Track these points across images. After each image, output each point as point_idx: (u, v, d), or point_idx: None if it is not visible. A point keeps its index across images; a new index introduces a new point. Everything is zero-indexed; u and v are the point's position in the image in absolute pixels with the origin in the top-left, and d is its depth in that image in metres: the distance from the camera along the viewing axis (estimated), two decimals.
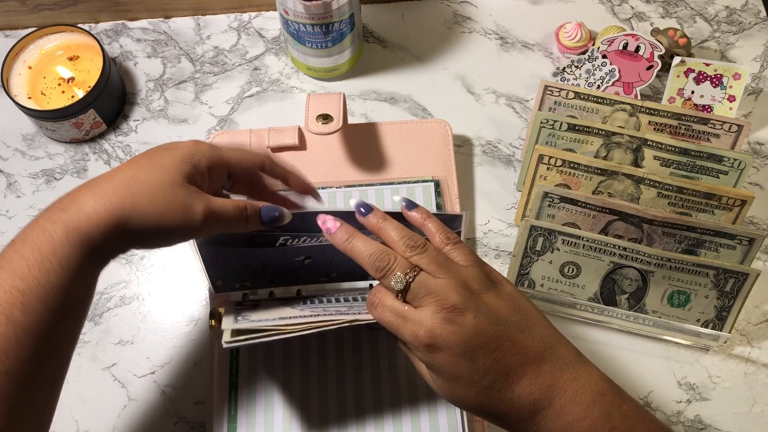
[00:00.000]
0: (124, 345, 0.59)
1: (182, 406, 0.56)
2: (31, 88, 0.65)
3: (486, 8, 0.73)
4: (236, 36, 0.72)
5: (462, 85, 0.69)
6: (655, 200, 0.58)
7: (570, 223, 0.58)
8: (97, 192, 0.39)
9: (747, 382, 0.58)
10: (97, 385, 0.57)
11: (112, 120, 0.67)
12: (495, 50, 0.71)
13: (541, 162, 0.59)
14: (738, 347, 0.59)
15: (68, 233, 0.38)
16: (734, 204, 0.57)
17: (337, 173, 0.63)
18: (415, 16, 0.73)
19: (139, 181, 0.40)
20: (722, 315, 0.56)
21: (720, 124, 0.60)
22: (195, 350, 0.58)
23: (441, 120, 0.65)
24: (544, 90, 0.62)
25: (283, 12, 0.61)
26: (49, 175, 0.65)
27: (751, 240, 0.55)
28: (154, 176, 0.40)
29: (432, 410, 0.53)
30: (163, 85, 0.69)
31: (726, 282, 0.55)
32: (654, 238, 0.57)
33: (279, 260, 0.51)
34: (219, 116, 0.68)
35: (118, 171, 0.41)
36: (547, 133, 0.60)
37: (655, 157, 0.59)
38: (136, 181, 0.40)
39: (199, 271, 0.50)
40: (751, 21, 0.72)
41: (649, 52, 0.64)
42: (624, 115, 0.61)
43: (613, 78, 0.65)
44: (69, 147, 0.67)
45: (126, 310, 0.60)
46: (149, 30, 0.72)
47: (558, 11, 0.73)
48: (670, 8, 0.73)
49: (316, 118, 0.59)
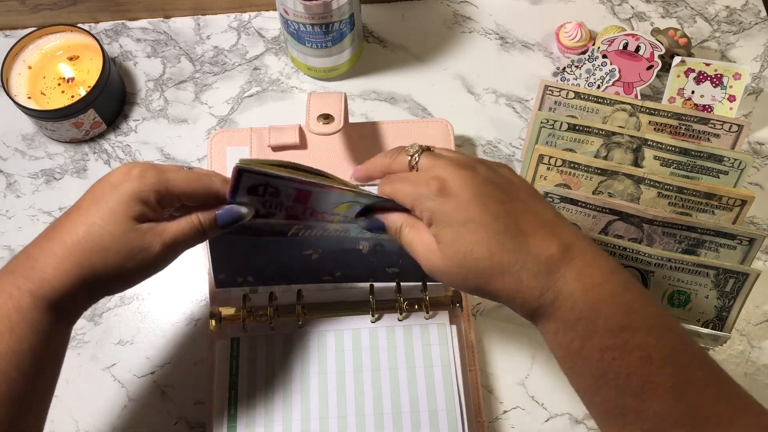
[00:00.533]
0: (124, 345, 0.59)
1: (182, 406, 0.56)
2: (31, 88, 0.65)
3: (486, 8, 0.73)
4: (236, 36, 0.72)
5: (462, 85, 0.69)
6: (655, 200, 0.58)
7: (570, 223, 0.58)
8: (55, 258, 0.39)
9: (747, 382, 0.58)
10: (97, 385, 0.57)
11: (112, 120, 0.67)
12: (495, 50, 0.71)
13: (541, 162, 0.59)
14: (738, 347, 0.59)
15: (35, 300, 0.39)
16: (734, 204, 0.57)
17: (337, 173, 0.63)
18: (415, 16, 0.73)
19: (91, 239, 0.40)
20: (722, 315, 0.56)
21: (720, 124, 0.60)
22: (195, 350, 0.58)
23: (443, 119, 0.65)
24: (544, 90, 0.62)
25: (283, 12, 0.61)
26: (48, 175, 0.65)
27: (752, 240, 0.55)
28: (104, 230, 0.40)
29: (432, 410, 0.53)
30: (163, 85, 0.69)
31: (726, 282, 0.55)
32: (654, 238, 0.57)
33: (287, 253, 0.50)
34: (219, 116, 0.68)
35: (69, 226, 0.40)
36: (547, 133, 0.60)
37: (655, 157, 0.59)
38: (88, 240, 0.40)
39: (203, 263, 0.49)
40: (752, 21, 0.72)
41: (649, 52, 0.64)
42: (624, 115, 0.61)
43: (613, 78, 0.65)
44: (69, 147, 0.66)
45: (126, 310, 0.60)
46: (149, 30, 0.72)
47: (558, 11, 0.73)
48: (670, 8, 0.73)
49: (317, 118, 0.59)
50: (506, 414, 0.56)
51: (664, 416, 0.35)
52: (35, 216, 0.64)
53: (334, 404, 0.53)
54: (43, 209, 0.64)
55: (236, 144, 0.63)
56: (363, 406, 0.53)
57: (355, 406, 0.53)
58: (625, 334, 0.36)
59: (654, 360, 0.36)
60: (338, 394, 0.53)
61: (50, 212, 0.64)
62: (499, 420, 0.56)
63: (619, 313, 0.36)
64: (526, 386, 0.57)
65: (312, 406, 0.53)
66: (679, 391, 0.35)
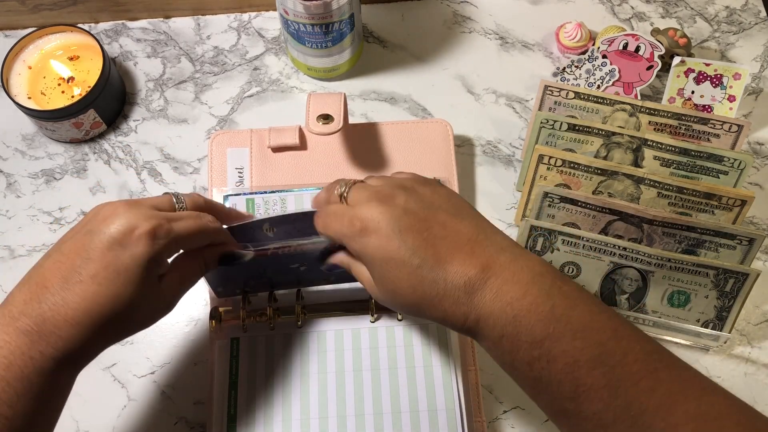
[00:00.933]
0: (124, 345, 0.59)
1: (182, 406, 0.56)
2: (31, 88, 0.65)
3: (486, 8, 0.73)
4: (236, 36, 0.72)
5: (462, 85, 0.69)
6: (655, 200, 0.58)
7: (570, 223, 0.58)
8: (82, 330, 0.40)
9: (747, 382, 0.58)
10: (97, 385, 0.57)
11: (112, 120, 0.67)
12: (495, 50, 0.71)
13: (541, 162, 0.59)
14: (738, 347, 0.59)
15: (58, 364, 0.39)
16: (734, 204, 0.57)
17: (337, 173, 0.63)
18: (415, 16, 0.73)
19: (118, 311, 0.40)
20: (722, 315, 0.56)
21: (720, 124, 0.60)
22: (195, 350, 0.58)
23: (442, 120, 0.65)
24: (544, 90, 0.62)
25: (283, 12, 0.61)
26: (48, 175, 0.65)
27: (751, 240, 0.55)
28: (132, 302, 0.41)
29: (432, 410, 0.53)
30: (163, 85, 0.69)
31: (726, 282, 0.55)
32: (654, 238, 0.57)
33: (276, 268, 0.52)
34: (219, 116, 0.68)
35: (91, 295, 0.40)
36: (547, 133, 0.60)
37: (655, 157, 0.59)
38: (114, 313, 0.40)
39: None
40: (751, 21, 0.72)
41: (649, 52, 0.64)
42: (624, 115, 0.61)
43: (613, 78, 0.65)
44: (69, 147, 0.67)
45: None
46: (149, 30, 0.72)
47: (558, 11, 0.73)
48: (670, 8, 0.73)
49: (316, 119, 0.59)
50: (506, 414, 0.56)
51: (602, 414, 0.36)
52: (35, 216, 0.64)
53: (334, 404, 0.53)
54: (43, 209, 0.64)
55: (236, 145, 0.63)
56: (362, 406, 0.53)
57: (354, 406, 0.53)
58: (548, 342, 0.37)
59: (582, 364, 0.36)
60: (338, 393, 0.53)
61: (50, 212, 0.64)
62: (499, 420, 0.56)
63: (540, 324, 0.37)
64: None
65: (311, 405, 0.53)
66: (613, 388, 0.36)
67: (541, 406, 0.40)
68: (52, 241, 0.63)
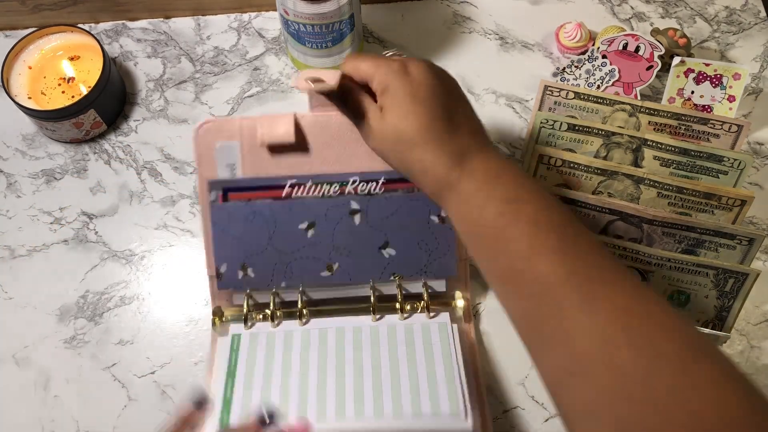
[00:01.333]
0: (124, 345, 0.59)
1: None
2: (31, 88, 0.65)
3: (486, 8, 0.73)
4: (236, 36, 0.72)
5: (462, 85, 0.69)
6: (655, 200, 0.58)
7: None
8: None
9: None
10: (97, 385, 0.57)
11: (112, 120, 0.67)
12: (495, 50, 0.71)
13: (541, 162, 0.59)
14: (738, 347, 0.59)
15: None
16: (734, 204, 0.57)
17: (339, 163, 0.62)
18: (415, 16, 0.73)
19: None
20: (722, 315, 0.56)
21: (720, 124, 0.60)
22: (195, 350, 0.58)
23: None
24: (544, 90, 0.62)
25: (283, 12, 0.61)
26: (49, 175, 0.65)
27: (751, 240, 0.55)
28: None
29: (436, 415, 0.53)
30: (163, 85, 0.69)
31: (726, 282, 0.55)
32: (654, 238, 0.57)
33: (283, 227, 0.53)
34: (219, 116, 0.68)
35: None
36: (547, 133, 0.60)
37: (655, 157, 0.59)
38: None
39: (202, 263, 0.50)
40: (751, 21, 0.72)
41: (649, 52, 0.64)
42: (624, 115, 0.61)
43: (613, 78, 0.65)
44: (69, 147, 0.67)
45: (126, 310, 0.60)
46: (149, 30, 0.72)
47: (558, 11, 0.73)
48: (670, 8, 0.73)
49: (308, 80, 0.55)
50: (506, 414, 0.56)
51: (549, 276, 0.38)
52: (35, 216, 0.64)
53: (333, 403, 0.53)
54: (44, 209, 0.64)
55: (225, 138, 0.58)
56: (362, 407, 0.53)
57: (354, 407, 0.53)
58: (518, 204, 0.41)
59: (541, 226, 0.40)
60: (337, 394, 0.53)
61: (50, 212, 0.64)
62: (499, 420, 0.56)
63: (514, 187, 0.42)
64: (526, 386, 0.57)
65: (309, 402, 0.53)
66: (563, 252, 0.39)
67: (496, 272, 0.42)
68: (53, 240, 0.63)
